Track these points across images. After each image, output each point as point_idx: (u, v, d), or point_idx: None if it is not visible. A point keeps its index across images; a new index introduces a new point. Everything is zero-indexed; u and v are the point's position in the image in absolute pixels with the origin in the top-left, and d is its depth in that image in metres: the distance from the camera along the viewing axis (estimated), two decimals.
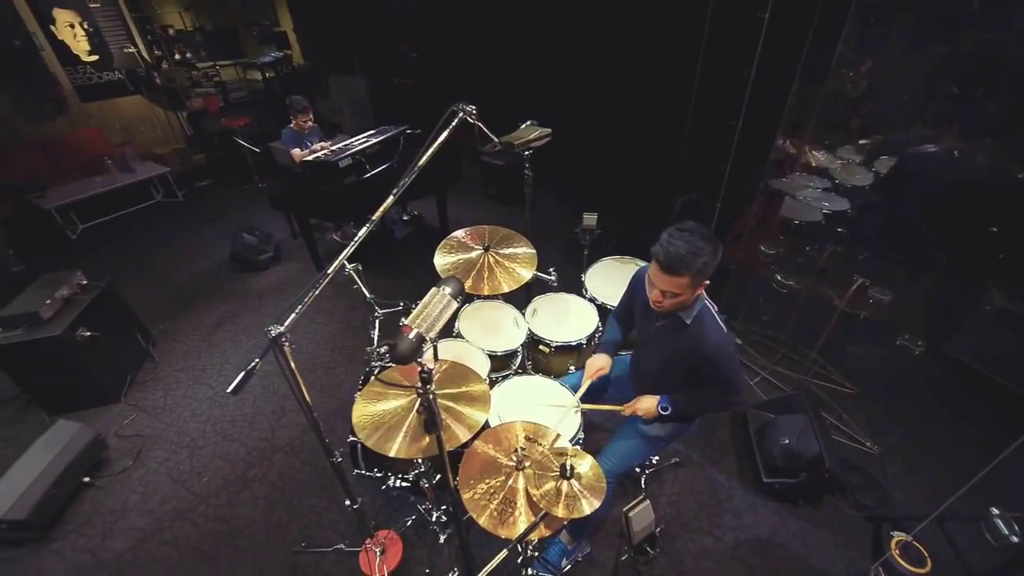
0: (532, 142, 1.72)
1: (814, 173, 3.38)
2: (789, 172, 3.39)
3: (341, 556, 2.03)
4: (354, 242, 1.33)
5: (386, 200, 1.38)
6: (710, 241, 1.34)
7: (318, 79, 7.78)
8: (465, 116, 1.35)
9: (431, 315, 0.94)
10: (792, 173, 3.44)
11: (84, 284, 2.86)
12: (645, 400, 1.66)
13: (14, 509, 2.08)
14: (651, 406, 1.63)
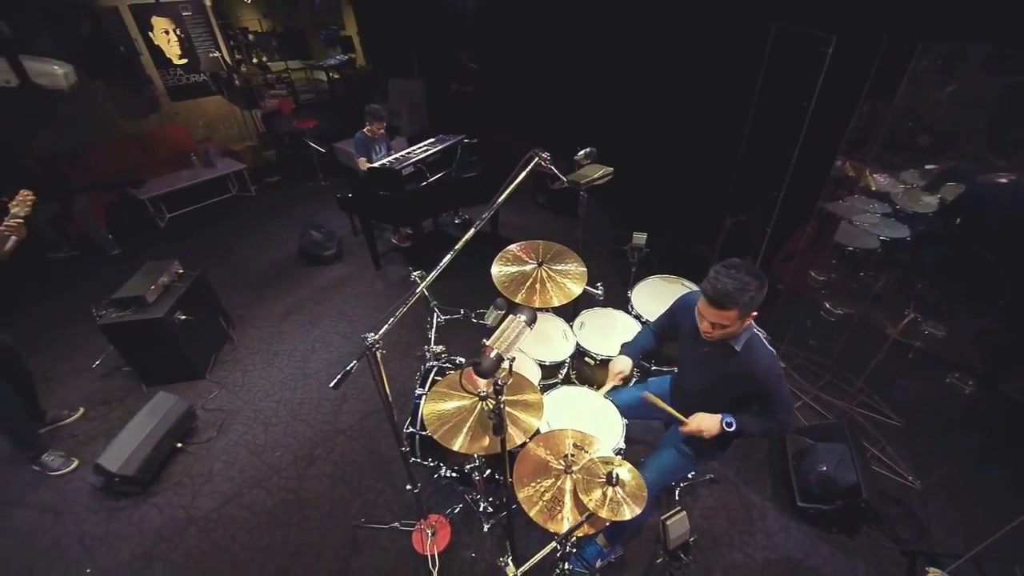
0: (595, 181, 1.85)
1: (874, 197, 3.31)
2: (847, 195, 3.34)
3: (396, 534, 2.26)
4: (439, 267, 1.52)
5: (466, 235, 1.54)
6: (756, 277, 1.45)
7: (379, 81, 8.18)
8: (540, 160, 1.50)
9: (508, 338, 1.11)
10: (850, 196, 3.39)
11: (181, 273, 3.25)
12: (706, 417, 1.68)
13: (125, 466, 2.44)
14: (714, 423, 1.66)
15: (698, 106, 3.99)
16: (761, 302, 1.50)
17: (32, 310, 3.98)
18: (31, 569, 2.27)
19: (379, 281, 4.24)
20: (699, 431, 1.69)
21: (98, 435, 2.91)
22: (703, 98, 3.92)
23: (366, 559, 2.20)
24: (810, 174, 2.95)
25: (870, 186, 3.36)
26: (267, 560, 2.23)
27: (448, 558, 2.15)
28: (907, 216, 3.07)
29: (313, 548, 2.26)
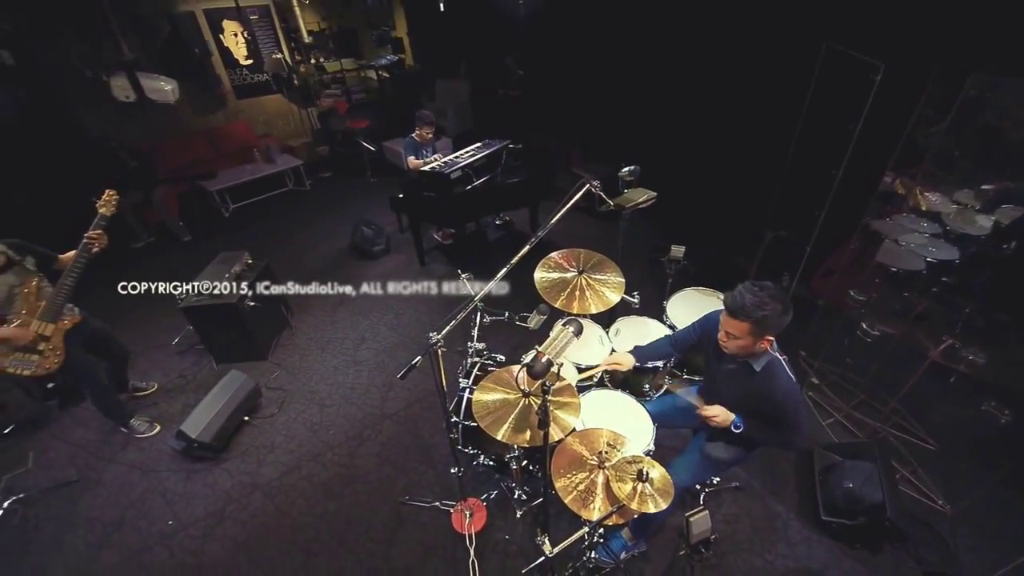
0: (639, 205, 1.99)
1: (923, 217, 3.26)
2: (895, 213, 3.30)
3: (436, 512, 2.48)
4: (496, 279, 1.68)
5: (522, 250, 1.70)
6: (780, 302, 1.54)
7: (426, 82, 8.45)
8: (591, 187, 1.65)
9: (558, 346, 1.28)
10: (898, 214, 3.34)
11: (250, 263, 3.58)
12: (722, 411, 1.81)
13: (203, 433, 2.77)
14: (727, 419, 1.79)
15: (743, 119, 4.01)
16: (781, 327, 1.58)
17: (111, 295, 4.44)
18: (124, 517, 2.63)
19: (423, 276, 4.49)
20: (712, 417, 1.81)
21: (175, 404, 3.28)
22: (749, 111, 3.94)
23: (410, 533, 2.43)
24: (855, 190, 2.95)
25: (920, 205, 3.31)
26: (323, 526, 2.50)
27: (483, 538, 2.35)
28: (957, 237, 3.02)
29: (363, 519, 2.51)
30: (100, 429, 3.12)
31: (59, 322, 2.55)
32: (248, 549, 2.42)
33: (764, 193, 3.48)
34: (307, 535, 2.46)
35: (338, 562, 2.34)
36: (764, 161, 3.51)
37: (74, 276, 2.50)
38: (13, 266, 2.43)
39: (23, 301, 2.46)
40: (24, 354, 2.46)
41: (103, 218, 2.51)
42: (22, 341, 2.42)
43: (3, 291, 2.40)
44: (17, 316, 2.43)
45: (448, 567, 2.27)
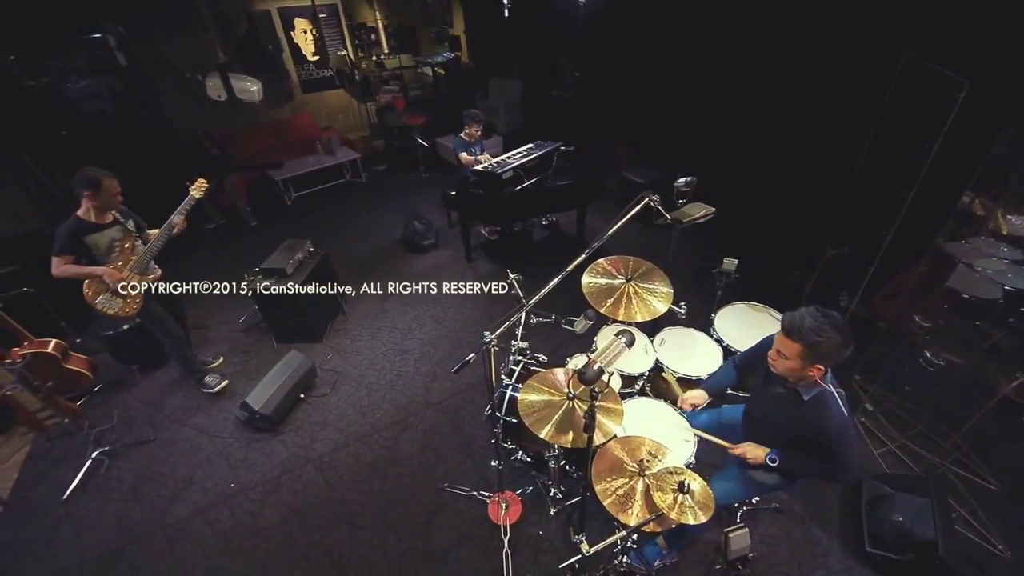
0: (696, 220, 1.99)
1: (1004, 241, 3.05)
2: (972, 235, 3.10)
3: (473, 501, 2.59)
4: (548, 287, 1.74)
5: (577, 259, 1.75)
6: (840, 333, 1.49)
7: (480, 80, 8.59)
8: (650, 201, 1.68)
9: (610, 356, 1.33)
10: (975, 237, 3.14)
11: (312, 251, 3.82)
12: (755, 448, 1.84)
13: (265, 406, 3.01)
14: (760, 455, 1.81)
15: (808, 129, 3.85)
16: (836, 359, 1.54)
17: (189, 270, 4.84)
18: (192, 476, 2.90)
19: (469, 273, 4.62)
20: (744, 456, 1.82)
21: (239, 376, 3.57)
22: (815, 121, 3.78)
23: (447, 518, 2.55)
24: (928, 209, 2.80)
25: (1000, 229, 3.09)
26: (367, 503, 2.66)
27: (517, 531, 2.44)
28: None
29: (404, 500, 2.66)
30: (174, 395, 3.44)
31: (144, 276, 2.94)
32: (300, 516, 2.62)
33: (827, 207, 3.35)
34: (353, 509, 2.64)
35: (380, 537, 2.49)
36: (829, 174, 3.38)
37: (159, 244, 2.90)
38: (118, 224, 2.84)
39: (120, 253, 2.86)
40: (112, 296, 2.84)
41: (192, 199, 2.87)
42: (112, 281, 2.79)
43: (106, 242, 2.81)
44: (113, 264, 2.84)
45: (482, 554, 2.37)
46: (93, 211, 2.74)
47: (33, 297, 3.58)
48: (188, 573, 2.42)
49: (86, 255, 2.77)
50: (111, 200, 2.75)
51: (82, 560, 2.51)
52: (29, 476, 3.00)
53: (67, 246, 2.70)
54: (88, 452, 2.99)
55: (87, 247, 2.75)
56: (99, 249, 2.79)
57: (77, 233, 2.71)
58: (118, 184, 2.77)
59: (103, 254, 2.81)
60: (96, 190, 2.67)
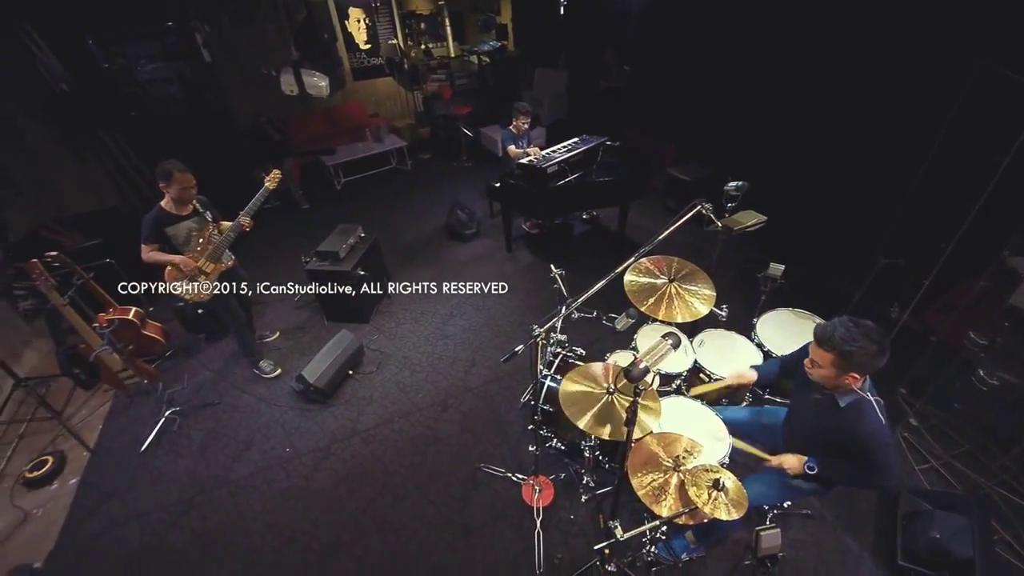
0: (747, 228, 2.01)
1: None
2: None
3: (508, 483, 2.73)
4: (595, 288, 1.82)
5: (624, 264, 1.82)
6: (874, 342, 1.51)
7: (526, 70, 8.58)
8: (703, 208, 1.73)
9: (655, 356, 1.41)
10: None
11: (363, 236, 4.02)
12: (792, 458, 1.85)
13: (319, 379, 3.24)
14: (797, 464, 1.83)
15: (867, 134, 3.71)
16: (872, 368, 1.57)
17: (247, 249, 5.17)
18: (252, 439, 3.17)
19: (509, 264, 4.73)
20: (781, 467, 1.85)
21: (293, 352, 3.83)
22: (875, 126, 3.64)
23: (483, 496, 2.71)
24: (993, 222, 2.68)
25: None
26: (408, 476, 2.85)
27: (549, 514, 2.57)
28: None
29: (443, 476, 2.83)
30: (236, 364, 3.74)
31: (218, 264, 3.18)
32: (348, 483, 2.84)
33: (883, 216, 3.24)
34: (395, 481, 2.83)
35: (420, 508, 2.68)
36: (888, 181, 3.26)
37: (232, 235, 3.12)
38: (196, 215, 3.07)
39: (196, 243, 3.10)
40: (188, 282, 3.10)
41: (266, 190, 3.06)
42: (188, 269, 3.04)
43: (183, 233, 3.05)
44: (190, 252, 3.08)
45: (515, 533, 2.51)
46: (172, 203, 2.97)
47: (113, 268, 3.95)
48: (249, 525, 2.68)
49: (167, 243, 3.03)
50: (184, 193, 2.93)
51: (158, 506, 2.82)
52: (112, 429, 3.37)
53: (150, 235, 2.96)
54: (162, 411, 3.32)
55: (167, 237, 3.00)
56: (177, 239, 3.03)
57: (158, 223, 2.96)
58: (192, 178, 2.94)
59: (181, 244, 3.05)
60: (168, 181, 2.87)
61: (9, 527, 2.81)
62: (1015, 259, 3.04)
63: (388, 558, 2.47)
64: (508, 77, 8.47)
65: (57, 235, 4.35)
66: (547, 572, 2.33)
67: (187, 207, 3.03)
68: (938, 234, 2.74)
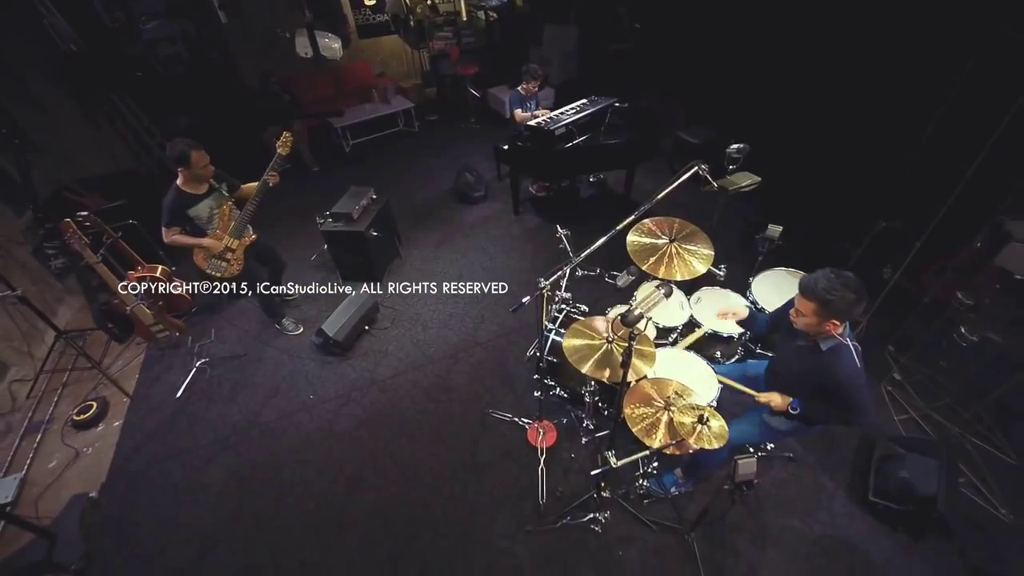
0: (742, 188, 2.11)
1: None
2: None
3: (515, 427, 2.98)
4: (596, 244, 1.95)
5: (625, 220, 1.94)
6: (853, 292, 1.66)
7: (535, 27, 8.33)
8: (699, 170, 1.83)
9: (649, 303, 1.56)
10: None
11: (374, 198, 4.14)
12: (777, 396, 2.03)
13: (338, 333, 3.46)
14: (782, 402, 2.00)
15: (873, 97, 3.69)
16: (850, 315, 1.72)
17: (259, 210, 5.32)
18: (278, 387, 3.43)
19: (516, 226, 4.84)
20: (767, 403, 2.02)
21: (312, 310, 4.04)
22: (881, 90, 3.61)
23: (492, 439, 2.96)
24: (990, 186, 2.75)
25: None
26: (423, 420, 3.10)
27: (552, 453, 2.81)
28: None
29: (454, 421, 3.08)
30: (259, 321, 3.96)
31: (242, 239, 3.27)
32: (367, 426, 3.10)
33: (882, 179, 3.30)
34: (411, 425, 3.09)
35: (434, 448, 2.94)
36: (888, 145, 3.29)
37: (255, 204, 3.17)
38: (213, 192, 3.11)
39: (219, 220, 3.17)
40: (217, 260, 3.22)
41: (280, 157, 3.09)
42: (216, 250, 3.16)
43: (205, 212, 3.11)
44: (214, 231, 3.16)
45: (520, 469, 2.77)
46: (188, 182, 2.97)
47: (137, 229, 4.12)
48: (280, 461, 2.96)
49: (191, 225, 3.08)
50: (201, 172, 2.94)
51: (196, 445, 3.11)
52: (147, 378, 3.63)
53: (172, 219, 3.00)
54: (193, 362, 3.57)
55: (190, 218, 3.05)
56: (201, 220, 3.09)
57: (180, 207, 2.98)
58: (206, 155, 2.90)
59: (205, 223, 3.12)
60: (186, 165, 2.86)
61: (63, 463, 3.12)
62: (1012, 222, 3.12)
63: (406, 490, 2.75)
64: (516, 35, 8.25)
65: (80, 197, 4.50)
66: (549, 503, 2.59)
67: (204, 185, 3.05)
68: (936, 196, 2.81)
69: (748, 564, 2.36)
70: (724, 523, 2.49)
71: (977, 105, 2.62)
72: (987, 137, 2.41)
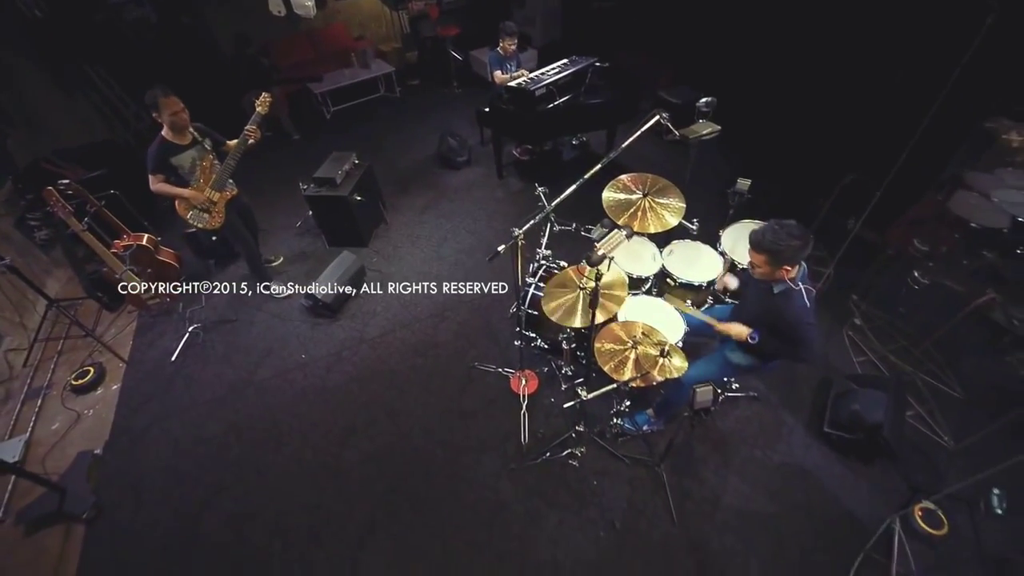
0: (703, 136, 2.20)
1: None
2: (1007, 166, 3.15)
3: (498, 377, 3.14)
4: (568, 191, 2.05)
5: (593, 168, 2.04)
6: (798, 239, 1.80)
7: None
8: (661, 118, 1.91)
9: (612, 244, 1.67)
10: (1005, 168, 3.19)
11: (357, 163, 4.16)
12: (739, 326, 2.16)
13: (325, 296, 3.56)
14: (743, 332, 2.14)
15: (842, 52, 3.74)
16: (798, 260, 1.86)
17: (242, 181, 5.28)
18: (271, 348, 3.54)
19: (500, 190, 4.90)
20: (728, 332, 2.17)
21: (299, 274, 4.11)
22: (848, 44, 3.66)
23: (477, 389, 3.12)
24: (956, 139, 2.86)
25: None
26: (412, 375, 3.25)
27: (534, 399, 2.99)
28: None
29: (441, 374, 3.24)
30: (248, 287, 4.03)
31: (223, 192, 3.33)
32: (358, 381, 3.25)
33: (852, 132, 3.40)
34: (400, 378, 3.24)
35: (423, 399, 3.10)
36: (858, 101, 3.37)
37: (235, 159, 3.23)
38: (196, 144, 3.18)
39: (201, 172, 3.24)
40: (199, 211, 3.29)
41: (259, 116, 3.13)
42: (198, 201, 3.23)
43: (188, 162, 3.18)
44: (196, 183, 3.23)
45: (504, 415, 2.95)
46: (170, 132, 3.03)
47: (119, 199, 4.11)
48: (276, 416, 3.11)
49: (174, 174, 3.15)
50: (175, 118, 2.97)
51: (194, 403, 3.24)
52: (141, 344, 3.73)
53: (157, 166, 3.07)
54: (186, 327, 3.66)
55: (173, 167, 3.11)
56: (183, 169, 3.15)
57: (163, 154, 3.04)
58: (178, 101, 2.95)
59: (188, 173, 3.18)
60: (157, 109, 2.92)
61: (65, 425, 3.24)
62: (972, 174, 3.26)
63: (397, 437, 2.92)
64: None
65: (59, 168, 4.46)
66: (531, 443, 2.78)
67: (185, 135, 3.11)
68: (899, 150, 2.92)
69: (712, 490, 2.58)
70: (692, 457, 2.71)
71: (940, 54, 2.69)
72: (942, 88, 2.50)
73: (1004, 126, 3.28)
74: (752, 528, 2.45)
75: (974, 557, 2.35)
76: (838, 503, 2.55)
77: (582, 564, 2.35)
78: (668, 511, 2.49)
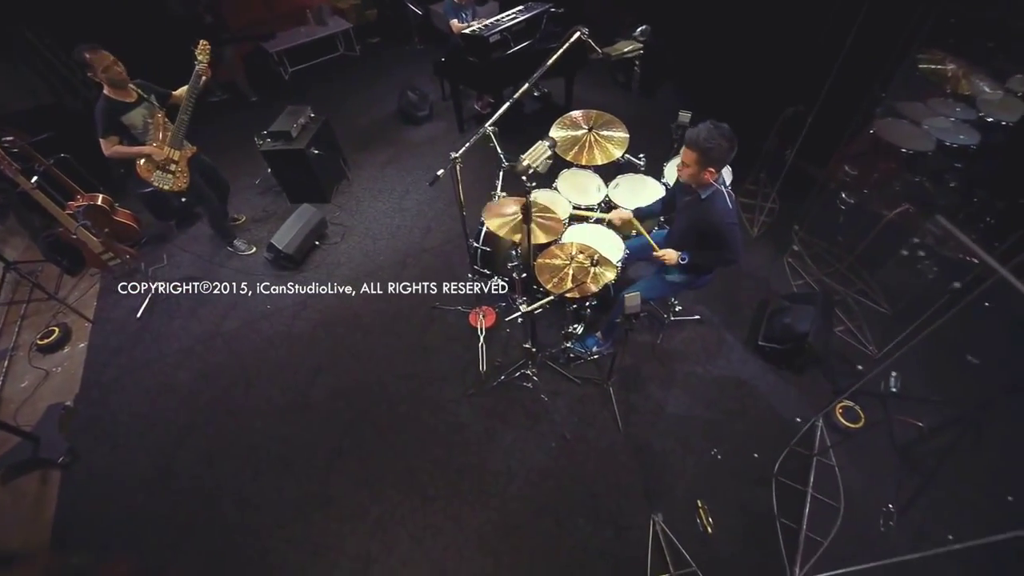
0: (625, 55, 2.28)
1: (961, 101, 3.27)
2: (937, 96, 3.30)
3: (459, 315, 3.28)
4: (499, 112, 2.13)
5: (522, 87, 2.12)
6: (728, 141, 1.94)
7: None
8: (581, 35, 1.98)
9: (536, 155, 1.78)
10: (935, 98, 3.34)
11: (313, 117, 4.13)
12: (671, 251, 2.35)
13: (287, 247, 3.61)
14: (674, 256, 2.33)
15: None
16: (725, 161, 2.00)
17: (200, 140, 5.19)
18: (236, 302, 3.60)
19: (462, 142, 4.88)
20: (663, 256, 2.35)
21: (262, 232, 4.13)
22: None
23: (439, 327, 3.26)
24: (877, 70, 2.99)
25: (962, 89, 3.29)
26: (376, 317, 3.37)
27: (491, 332, 3.14)
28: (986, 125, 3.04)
29: (405, 315, 3.36)
30: (210, 246, 4.05)
31: (182, 150, 3.30)
32: (324, 326, 3.35)
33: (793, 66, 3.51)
34: (365, 321, 3.35)
35: (387, 339, 3.23)
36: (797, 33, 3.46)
37: (188, 113, 3.16)
38: (143, 101, 3.11)
39: (156, 130, 3.19)
40: (162, 172, 3.26)
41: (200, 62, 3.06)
42: (159, 158, 3.20)
43: (139, 121, 3.12)
44: (154, 140, 3.19)
45: (464, 348, 3.10)
46: (111, 90, 2.94)
47: (70, 162, 4.03)
48: (245, 363, 3.21)
49: (127, 135, 3.07)
50: (109, 73, 2.87)
51: (161, 355, 3.31)
52: (106, 304, 3.74)
53: (107, 127, 2.98)
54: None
55: (125, 127, 3.04)
56: (136, 129, 3.08)
57: (111, 113, 2.95)
58: (108, 55, 2.85)
59: (141, 133, 3.11)
60: (89, 69, 2.83)
61: (34, 383, 3.29)
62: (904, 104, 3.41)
63: (362, 374, 3.05)
64: None
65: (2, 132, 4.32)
66: (489, 371, 2.94)
67: (128, 92, 3.02)
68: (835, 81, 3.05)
69: (656, 402, 2.79)
70: (639, 376, 2.91)
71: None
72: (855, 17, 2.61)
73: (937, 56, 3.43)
74: (691, 432, 2.68)
75: (887, 446, 2.62)
76: (770, 408, 2.79)
77: (535, 471, 2.55)
78: (615, 422, 2.69)
